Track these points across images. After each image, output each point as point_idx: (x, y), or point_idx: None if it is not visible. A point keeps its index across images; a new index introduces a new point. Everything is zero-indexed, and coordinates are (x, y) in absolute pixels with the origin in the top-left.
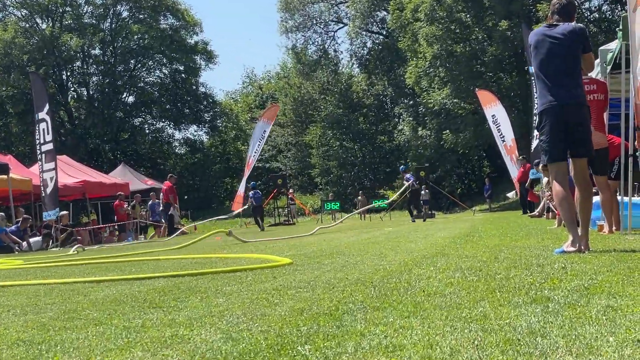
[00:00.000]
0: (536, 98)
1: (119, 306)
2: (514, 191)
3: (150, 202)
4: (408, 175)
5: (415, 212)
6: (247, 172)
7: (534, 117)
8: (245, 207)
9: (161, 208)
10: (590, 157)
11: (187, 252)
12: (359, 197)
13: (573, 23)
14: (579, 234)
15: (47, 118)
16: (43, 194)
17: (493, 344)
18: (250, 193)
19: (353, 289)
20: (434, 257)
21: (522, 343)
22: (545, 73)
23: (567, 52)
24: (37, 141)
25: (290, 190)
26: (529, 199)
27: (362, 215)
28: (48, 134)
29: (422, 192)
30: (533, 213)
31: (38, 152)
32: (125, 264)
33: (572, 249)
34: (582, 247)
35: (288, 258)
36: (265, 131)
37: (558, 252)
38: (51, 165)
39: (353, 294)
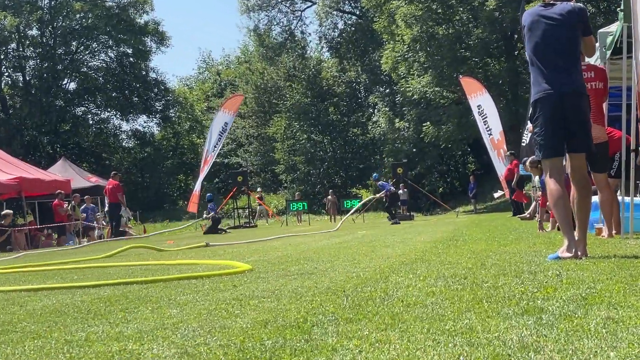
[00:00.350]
0: (530, 86)
1: (59, 317)
2: (501, 191)
3: (83, 206)
4: (381, 183)
5: (394, 214)
6: (204, 169)
7: (528, 108)
8: (208, 222)
9: (106, 209)
10: (589, 153)
11: (136, 258)
12: (329, 197)
13: (572, 2)
14: (576, 237)
15: None
16: None
17: None
18: (210, 206)
19: (323, 298)
20: (414, 263)
21: (513, 359)
22: (540, 58)
23: (565, 34)
24: None
25: (259, 189)
26: (514, 198)
27: (332, 217)
28: None
29: (400, 191)
30: (523, 215)
31: None
32: (66, 270)
33: (568, 254)
34: (579, 253)
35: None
36: (226, 123)
37: (552, 258)
38: None
39: (323, 304)
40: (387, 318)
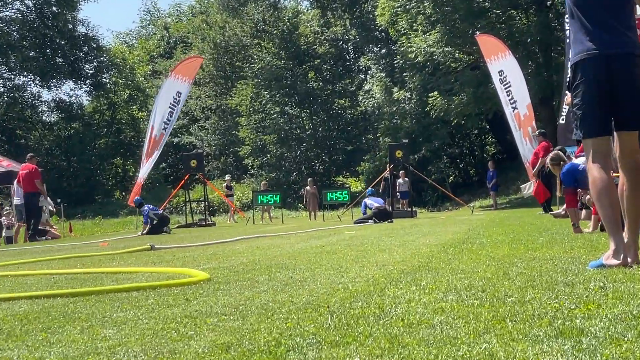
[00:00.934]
0: (569, 45)
1: None
2: (530, 183)
3: None
4: (371, 200)
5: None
6: (154, 152)
7: (566, 74)
8: (144, 232)
9: (18, 201)
10: None
11: (60, 265)
12: (307, 188)
13: None
14: (625, 240)
15: None
16: None
17: None
18: (145, 209)
19: (301, 316)
20: (417, 272)
21: None
22: (583, 9)
23: None
24: None
25: (227, 177)
26: (534, 193)
27: (312, 214)
28: None
29: (400, 180)
30: (558, 211)
31: None
32: None
33: (615, 261)
34: (629, 259)
35: (206, 272)
36: (179, 93)
37: (594, 266)
38: None
39: (301, 323)
40: (383, 341)
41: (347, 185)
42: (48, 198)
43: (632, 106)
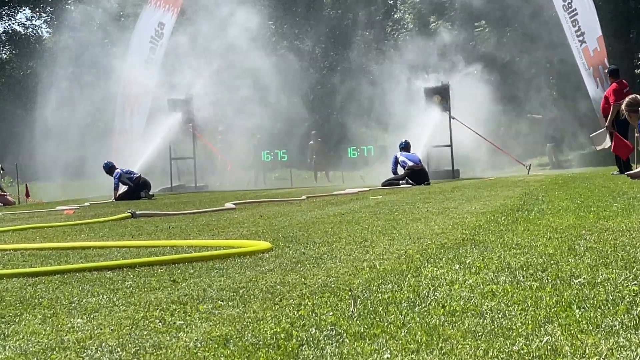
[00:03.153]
0: None
1: None
2: (603, 130)
3: None
4: (403, 157)
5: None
6: (125, 98)
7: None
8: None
9: None
10: None
11: (16, 237)
12: (311, 143)
13: None
14: None
15: None
16: None
17: None
18: (118, 172)
19: (316, 302)
20: (461, 247)
21: None
22: None
23: None
24: None
25: (220, 129)
26: (615, 148)
27: (316, 175)
28: None
29: None
30: (636, 170)
31: None
32: None
33: None
34: None
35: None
36: (162, 24)
37: None
38: None
39: (317, 310)
40: (419, 333)
41: (372, 140)
42: None
43: None
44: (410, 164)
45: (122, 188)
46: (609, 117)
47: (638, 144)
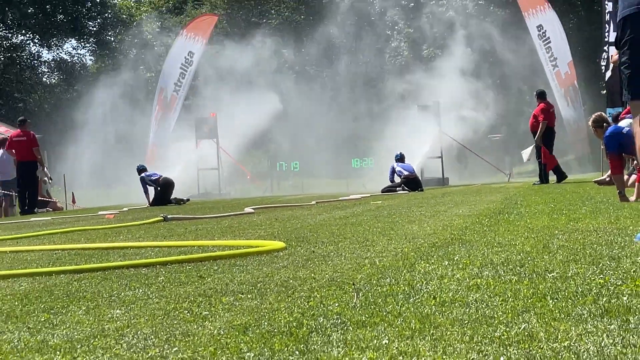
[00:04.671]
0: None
1: None
2: (531, 148)
3: None
4: (400, 167)
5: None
6: (162, 115)
7: (604, 28)
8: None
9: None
10: None
11: (63, 239)
12: None
13: None
14: None
15: None
16: None
17: None
18: (142, 176)
19: (324, 294)
20: (450, 245)
21: None
22: None
23: None
24: None
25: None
26: (544, 160)
27: None
28: None
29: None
30: (602, 178)
31: None
32: None
33: None
34: None
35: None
36: (192, 53)
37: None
38: None
39: (324, 302)
40: (413, 321)
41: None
42: (46, 169)
43: None
44: (406, 173)
45: (152, 192)
46: (538, 133)
47: (603, 155)
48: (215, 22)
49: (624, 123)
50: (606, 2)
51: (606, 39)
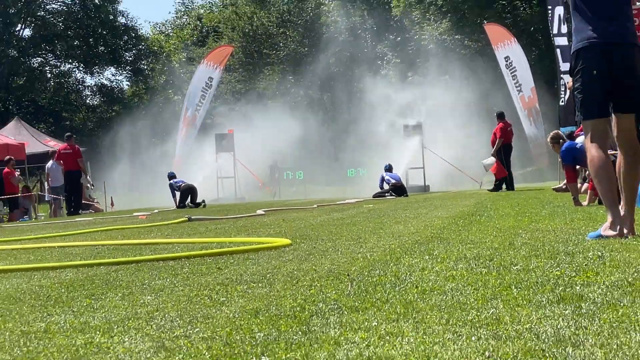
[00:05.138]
0: (571, 33)
1: (14, 305)
2: (491, 159)
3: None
4: (388, 176)
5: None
6: (186, 131)
7: (557, 59)
8: (178, 204)
9: (54, 182)
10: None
11: (103, 236)
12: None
13: None
14: (622, 213)
15: None
16: None
17: (509, 356)
18: (171, 183)
19: (323, 283)
20: (430, 242)
21: (547, 355)
22: (591, 6)
23: None
24: None
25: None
26: (493, 170)
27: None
28: None
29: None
30: (559, 186)
31: None
32: (20, 250)
33: (612, 232)
34: (625, 231)
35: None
36: (211, 78)
37: (593, 237)
38: None
39: (323, 290)
40: (399, 307)
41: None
42: (88, 176)
43: (631, 92)
44: (393, 181)
45: (179, 197)
46: (495, 147)
47: (560, 166)
48: (231, 52)
49: (579, 139)
50: (557, 39)
51: (560, 68)
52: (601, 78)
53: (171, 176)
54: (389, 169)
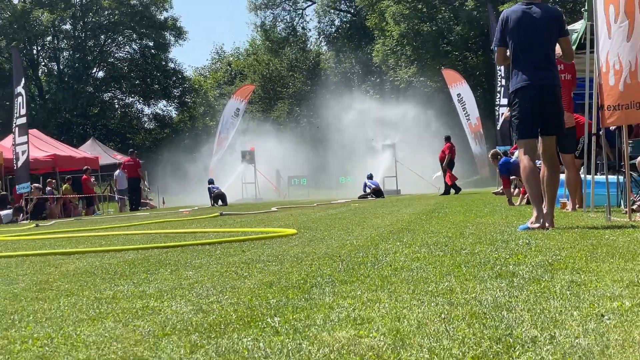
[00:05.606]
0: (506, 75)
1: (90, 278)
2: (440, 172)
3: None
4: (369, 182)
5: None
6: (218, 148)
7: (497, 95)
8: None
9: (121, 185)
10: (560, 136)
11: (156, 227)
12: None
13: (548, 5)
14: (544, 210)
15: (23, 92)
16: (16, 167)
17: (459, 318)
18: (209, 187)
19: (321, 263)
20: (400, 232)
21: (488, 317)
22: (522, 52)
23: (546, 32)
24: (15, 115)
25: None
26: (446, 178)
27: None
28: (23, 108)
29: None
30: (497, 191)
31: (13, 125)
32: (95, 237)
33: (537, 225)
34: (547, 224)
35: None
36: (238, 109)
37: (522, 229)
38: (23, 139)
39: (321, 267)
40: (377, 280)
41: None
42: (145, 182)
43: (553, 120)
44: (373, 186)
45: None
46: (445, 162)
47: (498, 176)
48: (253, 89)
49: (515, 155)
50: (499, 80)
51: (497, 103)
52: (532, 110)
53: (210, 182)
54: (370, 177)
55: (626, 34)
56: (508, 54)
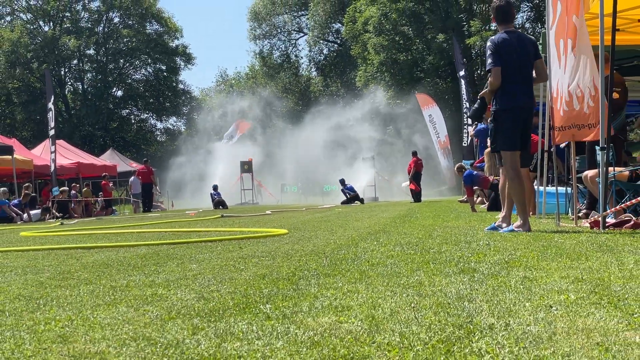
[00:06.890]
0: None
1: (106, 269)
2: (407, 182)
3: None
4: (346, 188)
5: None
6: (222, 159)
7: (464, 116)
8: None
9: (135, 190)
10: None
11: (166, 226)
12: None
13: (525, 35)
14: (503, 213)
15: (53, 108)
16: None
17: (427, 307)
18: (212, 192)
19: (308, 258)
20: (377, 233)
21: (451, 306)
22: (513, 73)
23: (527, 58)
24: (50, 127)
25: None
26: (410, 187)
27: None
28: (52, 121)
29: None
30: (462, 199)
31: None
32: (112, 234)
33: (521, 230)
34: (513, 226)
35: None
36: (232, 136)
37: (489, 229)
38: (52, 148)
39: (308, 262)
40: (356, 274)
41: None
42: (157, 187)
43: (524, 137)
44: (351, 193)
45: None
46: (410, 174)
47: (462, 186)
48: (249, 127)
49: (483, 165)
50: (464, 103)
51: (465, 122)
52: (518, 128)
53: (214, 187)
54: (342, 182)
55: (572, 65)
56: None
